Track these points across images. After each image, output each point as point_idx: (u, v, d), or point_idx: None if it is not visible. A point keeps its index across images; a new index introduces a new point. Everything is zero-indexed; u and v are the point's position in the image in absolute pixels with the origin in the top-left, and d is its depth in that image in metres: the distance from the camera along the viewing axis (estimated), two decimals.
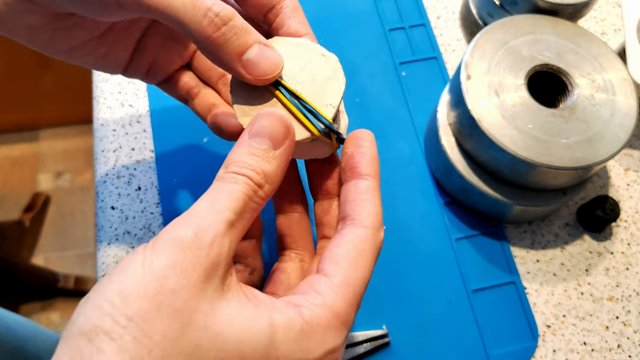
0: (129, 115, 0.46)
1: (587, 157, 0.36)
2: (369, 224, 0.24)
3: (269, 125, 0.24)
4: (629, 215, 0.45)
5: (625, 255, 0.43)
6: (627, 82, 0.39)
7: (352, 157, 0.26)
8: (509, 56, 0.39)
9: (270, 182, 0.23)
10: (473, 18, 0.49)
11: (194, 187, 0.43)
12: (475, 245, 0.43)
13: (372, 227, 0.24)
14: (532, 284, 0.42)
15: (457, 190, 0.43)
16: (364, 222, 0.24)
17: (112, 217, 0.42)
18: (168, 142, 0.44)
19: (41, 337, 0.64)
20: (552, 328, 0.40)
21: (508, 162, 0.37)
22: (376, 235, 0.24)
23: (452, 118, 0.41)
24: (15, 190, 1.36)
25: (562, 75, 0.39)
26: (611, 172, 0.47)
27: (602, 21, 0.53)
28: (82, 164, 1.39)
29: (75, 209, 1.34)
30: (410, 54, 0.50)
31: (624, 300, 0.42)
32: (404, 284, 0.41)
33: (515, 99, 0.38)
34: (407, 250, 0.42)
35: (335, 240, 0.24)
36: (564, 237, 0.44)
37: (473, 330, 0.40)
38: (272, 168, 0.23)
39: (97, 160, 0.44)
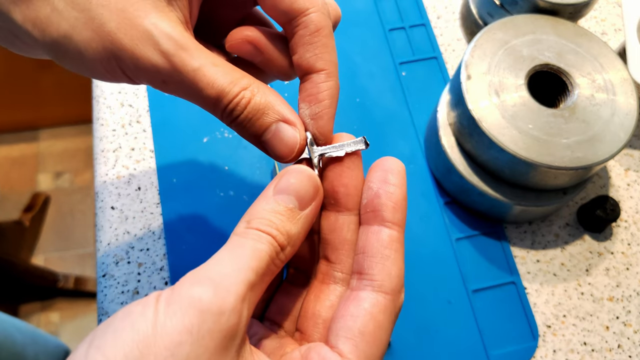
0: (128, 115, 0.45)
1: (588, 157, 0.36)
2: (389, 288, 0.21)
3: (298, 183, 0.22)
4: (630, 216, 0.45)
5: (625, 256, 0.43)
6: (628, 82, 0.39)
7: (377, 197, 0.22)
8: (509, 56, 0.39)
9: (292, 244, 0.21)
10: (473, 18, 0.49)
11: (194, 187, 0.43)
12: (475, 246, 0.43)
13: (392, 292, 0.21)
14: (532, 284, 0.42)
15: (457, 190, 0.43)
16: (384, 286, 0.21)
17: (112, 217, 0.42)
18: (168, 142, 0.44)
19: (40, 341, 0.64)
20: (553, 328, 0.40)
21: (508, 162, 0.37)
22: (396, 302, 0.21)
23: (452, 118, 0.41)
24: (15, 190, 1.35)
25: (563, 75, 0.39)
26: (611, 172, 0.47)
27: (602, 21, 0.53)
28: (81, 164, 1.39)
29: (75, 209, 1.34)
30: (411, 53, 0.50)
31: (624, 301, 0.42)
32: (404, 284, 0.41)
33: (515, 99, 0.38)
34: (407, 251, 0.42)
35: (350, 307, 0.21)
36: (564, 237, 0.44)
37: (473, 331, 0.40)
38: (297, 230, 0.21)
39: (96, 160, 0.44)
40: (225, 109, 0.22)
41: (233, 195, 0.43)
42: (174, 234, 0.41)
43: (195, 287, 0.18)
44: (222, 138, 0.45)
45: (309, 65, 0.24)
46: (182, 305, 0.17)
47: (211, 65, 0.22)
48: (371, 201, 0.22)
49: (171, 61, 0.21)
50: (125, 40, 0.21)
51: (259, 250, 0.20)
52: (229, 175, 0.44)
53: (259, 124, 0.23)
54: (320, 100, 0.24)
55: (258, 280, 0.19)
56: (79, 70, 0.23)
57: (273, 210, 0.21)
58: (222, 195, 0.43)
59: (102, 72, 0.23)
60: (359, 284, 0.21)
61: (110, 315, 0.38)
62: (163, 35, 0.22)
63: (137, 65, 0.22)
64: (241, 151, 0.44)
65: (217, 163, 0.44)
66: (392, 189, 0.22)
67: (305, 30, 0.23)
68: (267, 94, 0.23)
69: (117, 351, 0.16)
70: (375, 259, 0.21)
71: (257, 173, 0.44)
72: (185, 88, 0.22)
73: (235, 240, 0.20)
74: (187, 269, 0.19)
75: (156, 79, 0.22)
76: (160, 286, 0.39)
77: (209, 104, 0.22)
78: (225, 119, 0.23)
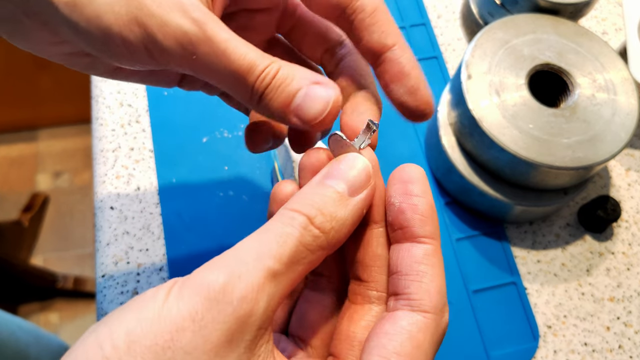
0: (128, 114, 0.45)
1: (588, 157, 0.36)
2: (429, 306, 0.19)
3: (348, 168, 0.20)
4: (630, 216, 0.45)
5: (626, 256, 0.43)
6: (628, 81, 0.39)
7: (401, 212, 0.20)
8: (509, 56, 0.39)
9: (338, 229, 0.19)
10: (474, 17, 0.49)
11: (194, 187, 0.43)
12: (475, 246, 0.42)
13: (433, 310, 0.19)
14: (532, 284, 0.42)
15: (457, 190, 0.43)
16: (423, 305, 0.19)
17: (111, 217, 0.41)
18: (167, 142, 0.44)
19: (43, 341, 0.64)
20: (553, 329, 0.40)
21: (509, 162, 0.37)
22: (439, 322, 0.19)
23: (452, 118, 0.41)
24: (14, 190, 1.35)
25: (563, 74, 0.39)
26: (612, 172, 0.46)
27: (603, 20, 0.53)
28: (81, 163, 1.39)
29: (74, 209, 1.34)
30: None
31: (625, 301, 0.42)
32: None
33: (516, 99, 0.38)
34: None
35: (386, 326, 0.19)
36: (565, 238, 0.44)
37: (474, 331, 0.40)
38: (344, 213, 0.19)
39: (96, 160, 0.44)
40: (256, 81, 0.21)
41: (233, 195, 0.43)
42: (173, 234, 0.41)
43: (208, 272, 0.17)
44: (221, 138, 0.45)
45: (380, 45, 0.23)
46: (192, 290, 0.16)
47: (240, 40, 0.21)
48: (396, 218, 0.21)
49: (203, 29, 0.20)
50: (154, 6, 0.20)
51: (286, 234, 0.18)
52: (229, 175, 0.43)
53: (289, 91, 0.21)
54: (409, 72, 0.22)
55: (284, 269, 0.18)
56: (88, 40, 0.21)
57: (318, 193, 0.19)
58: (222, 195, 0.42)
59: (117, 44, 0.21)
60: (396, 304, 0.20)
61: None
62: (194, 6, 0.21)
63: (166, 33, 0.20)
64: (241, 151, 0.44)
65: (216, 163, 0.44)
66: (415, 200, 0.20)
67: (364, 14, 0.23)
68: (294, 66, 0.22)
69: (121, 327, 0.16)
70: (411, 277, 0.20)
71: (257, 173, 0.44)
72: (215, 59, 0.21)
73: (265, 225, 0.19)
74: (187, 269, 0.18)
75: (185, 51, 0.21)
76: None
77: (238, 78, 0.21)
78: (254, 95, 0.22)
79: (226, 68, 0.21)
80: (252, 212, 0.42)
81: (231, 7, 0.26)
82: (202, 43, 0.21)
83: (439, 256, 0.20)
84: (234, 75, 0.21)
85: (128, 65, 0.23)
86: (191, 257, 0.40)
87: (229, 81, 0.22)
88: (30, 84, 1.27)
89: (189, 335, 0.16)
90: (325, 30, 0.27)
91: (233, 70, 0.21)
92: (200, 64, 0.21)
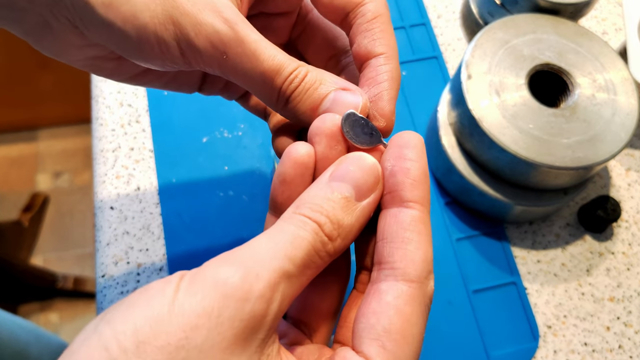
0: (128, 114, 0.45)
1: (588, 157, 0.36)
2: (414, 275, 0.19)
3: (357, 171, 0.20)
4: (630, 216, 0.45)
5: (626, 256, 0.43)
6: (629, 81, 0.39)
7: (392, 175, 0.20)
8: (509, 56, 0.39)
9: (344, 236, 0.19)
10: (474, 17, 0.49)
11: (194, 187, 0.43)
12: (475, 246, 0.42)
13: (418, 280, 0.19)
14: (532, 284, 0.42)
15: (457, 190, 0.43)
16: (407, 273, 0.19)
17: (111, 217, 0.41)
18: (167, 142, 0.44)
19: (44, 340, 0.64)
20: (553, 329, 0.40)
21: (509, 162, 0.37)
22: (424, 290, 0.19)
23: (452, 118, 0.41)
24: (14, 190, 1.35)
25: (563, 74, 0.39)
26: (612, 172, 0.46)
27: (603, 20, 0.53)
28: (81, 163, 1.39)
29: (74, 209, 1.34)
30: (411, 53, 0.49)
31: (625, 301, 0.42)
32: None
33: (516, 99, 0.38)
34: None
35: (372, 302, 0.18)
36: (565, 238, 0.44)
37: (474, 331, 0.40)
38: (350, 221, 0.19)
39: (96, 160, 0.44)
40: (283, 83, 0.21)
41: (233, 195, 0.43)
42: (173, 234, 0.41)
43: (222, 267, 0.16)
44: (221, 138, 0.45)
45: (366, 51, 0.23)
46: (206, 285, 0.16)
47: (269, 42, 0.22)
48: (387, 181, 0.20)
49: (235, 29, 0.21)
50: (188, 5, 0.21)
51: (301, 237, 0.18)
52: (229, 175, 0.43)
53: (317, 94, 0.22)
54: (379, 82, 0.22)
55: (296, 271, 0.17)
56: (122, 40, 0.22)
57: (326, 197, 0.19)
58: (222, 195, 0.42)
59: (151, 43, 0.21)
60: (379, 274, 0.19)
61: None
62: (226, 6, 0.21)
63: (199, 32, 0.21)
64: (241, 151, 0.44)
65: (216, 163, 0.44)
66: (408, 164, 0.20)
67: (363, 19, 0.23)
68: (322, 71, 0.22)
69: (128, 326, 0.15)
70: (395, 244, 0.19)
71: (257, 173, 0.44)
72: (244, 60, 0.21)
73: (278, 225, 0.18)
74: (187, 269, 0.18)
75: (216, 51, 0.21)
76: None
77: (266, 79, 0.21)
78: (281, 97, 0.22)
79: (255, 69, 0.21)
80: (252, 212, 0.42)
81: (252, 9, 0.26)
82: (234, 43, 0.21)
83: (426, 223, 0.20)
84: (263, 76, 0.21)
85: (158, 66, 0.23)
86: (191, 257, 0.40)
87: (256, 82, 0.22)
88: (30, 84, 1.27)
89: (205, 333, 0.15)
90: (333, 37, 0.27)
91: (262, 71, 0.21)
92: (230, 64, 0.21)
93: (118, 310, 0.16)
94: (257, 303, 0.16)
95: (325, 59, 0.27)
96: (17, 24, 0.23)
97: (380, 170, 0.20)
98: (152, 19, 0.21)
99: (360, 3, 0.23)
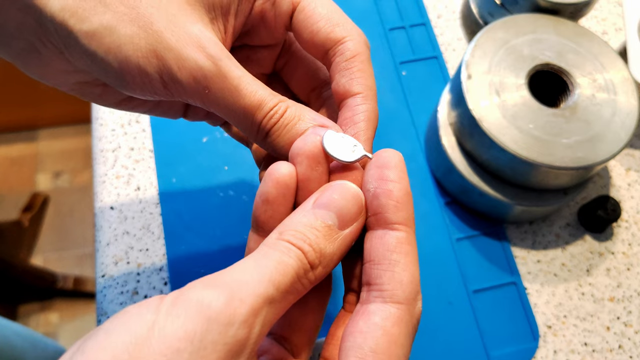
0: (128, 114, 0.45)
1: (588, 157, 0.36)
2: (402, 296, 0.19)
3: (340, 199, 0.20)
4: (630, 216, 0.45)
5: (626, 256, 0.43)
6: (629, 81, 0.39)
7: (375, 198, 0.20)
8: (509, 55, 0.39)
9: (325, 265, 0.19)
10: (474, 17, 0.49)
11: (194, 187, 0.43)
12: (475, 246, 0.42)
13: (406, 301, 0.19)
14: (533, 284, 0.42)
15: (457, 190, 0.43)
16: (395, 295, 0.19)
17: (111, 217, 0.41)
18: (167, 142, 0.44)
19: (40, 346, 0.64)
20: (553, 329, 0.40)
21: (509, 162, 0.37)
22: (412, 311, 0.19)
23: (452, 118, 0.41)
24: (14, 190, 1.35)
25: (563, 74, 0.39)
26: (612, 172, 0.46)
27: (603, 20, 0.53)
28: (81, 163, 1.39)
29: (74, 209, 1.34)
30: (411, 53, 0.49)
31: (625, 301, 0.42)
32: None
33: (516, 99, 0.38)
34: None
35: (360, 323, 0.19)
36: (565, 238, 0.44)
37: (474, 331, 0.40)
38: (332, 250, 0.19)
39: (95, 160, 0.44)
40: (263, 119, 0.22)
41: (233, 195, 0.43)
42: (173, 234, 0.41)
43: (206, 290, 0.16)
44: (221, 138, 0.45)
45: (344, 90, 0.23)
46: (188, 308, 0.16)
47: (251, 78, 0.22)
48: (370, 204, 0.20)
49: (217, 65, 0.21)
50: (172, 40, 0.21)
51: (285, 263, 0.18)
52: (229, 175, 0.43)
53: (295, 130, 0.22)
54: (356, 122, 0.23)
55: (279, 296, 0.18)
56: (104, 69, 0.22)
57: (309, 224, 0.19)
58: (222, 195, 0.42)
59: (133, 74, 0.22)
60: (368, 296, 0.19)
61: (110, 317, 0.38)
62: (211, 41, 0.22)
63: (182, 67, 0.21)
64: (241, 151, 0.44)
65: (217, 163, 0.44)
66: (390, 185, 0.20)
67: (342, 57, 0.23)
68: (301, 107, 0.23)
69: (105, 355, 0.14)
70: (383, 266, 0.19)
71: (257, 173, 0.44)
72: (226, 95, 0.22)
73: (262, 250, 0.19)
74: (187, 269, 0.18)
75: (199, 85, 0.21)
76: (159, 286, 0.39)
77: (247, 114, 0.22)
78: (260, 132, 0.22)
79: (236, 104, 0.22)
80: (251, 212, 0.42)
81: (236, 42, 0.26)
82: (216, 78, 0.21)
83: (412, 244, 0.20)
84: (244, 110, 0.22)
85: (140, 95, 0.23)
86: (191, 257, 0.40)
87: (238, 116, 0.22)
88: (30, 84, 1.27)
89: (186, 357, 0.15)
90: (315, 69, 0.27)
91: (243, 106, 0.22)
92: (212, 98, 0.22)
93: (94, 339, 0.15)
94: (240, 328, 0.16)
95: (307, 90, 0.28)
96: (5, 48, 0.23)
97: (363, 199, 0.21)
98: (135, 52, 0.21)
99: (340, 41, 0.23)
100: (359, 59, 0.23)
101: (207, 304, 0.16)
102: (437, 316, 0.40)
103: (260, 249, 0.19)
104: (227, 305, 0.16)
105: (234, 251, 0.41)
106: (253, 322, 0.16)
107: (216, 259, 0.40)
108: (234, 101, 0.22)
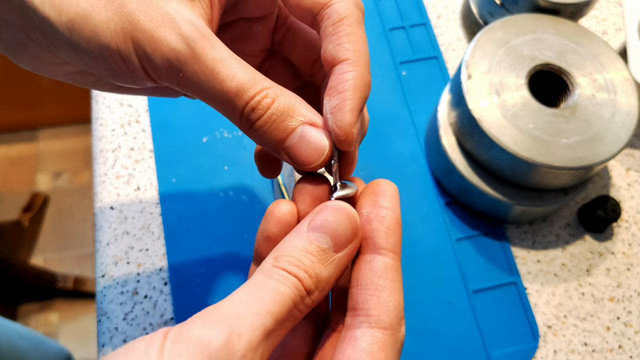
0: (128, 114, 0.45)
1: (588, 157, 0.36)
2: (387, 322, 0.19)
3: (335, 221, 0.20)
4: (630, 216, 0.45)
5: (626, 256, 0.43)
6: (629, 81, 0.39)
7: (367, 222, 0.21)
8: (509, 55, 0.39)
9: (321, 289, 0.19)
10: (473, 17, 0.49)
11: (194, 187, 0.43)
12: (475, 246, 0.42)
13: (391, 327, 0.19)
14: (532, 284, 0.42)
15: (457, 190, 0.43)
16: (381, 320, 0.19)
17: (111, 217, 0.41)
18: (167, 142, 0.44)
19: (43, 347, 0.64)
20: (553, 329, 0.40)
21: (509, 162, 0.37)
22: (396, 337, 0.19)
23: (452, 118, 0.41)
24: (14, 190, 1.35)
25: (563, 74, 0.39)
26: (612, 172, 0.46)
27: (603, 20, 0.53)
28: (81, 163, 1.39)
29: (74, 209, 1.34)
30: (411, 53, 0.49)
31: (625, 301, 0.42)
32: (404, 285, 0.41)
33: (516, 99, 0.38)
34: (408, 251, 0.42)
35: (348, 349, 0.19)
36: (565, 238, 0.44)
37: (474, 331, 0.40)
38: (328, 274, 0.19)
39: (96, 160, 0.44)
40: (245, 107, 0.20)
41: (233, 195, 0.43)
42: (173, 234, 0.41)
43: (206, 328, 0.17)
44: (221, 138, 0.45)
45: (332, 57, 0.21)
46: (190, 346, 0.16)
47: (232, 59, 0.20)
48: (362, 228, 0.21)
49: (191, 47, 0.20)
50: (145, 21, 0.20)
51: (281, 293, 0.18)
52: (229, 175, 0.43)
53: (283, 127, 0.21)
54: (340, 92, 0.21)
55: (276, 326, 0.18)
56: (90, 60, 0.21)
57: (304, 249, 0.19)
58: (222, 196, 0.42)
59: (117, 61, 0.21)
60: (354, 320, 0.20)
61: (110, 317, 0.38)
62: (184, 21, 0.20)
63: (155, 50, 0.20)
64: (241, 151, 0.44)
65: (216, 163, 0.44)
66: (383, 212, 0.21)
67: (329, 21, 0.22)
68: (291, 97, 0.21)
69: None
70: (370, 291, 0.20)
71: (257, 173, 0.44)
72: (202, 79, 0.20)
73: (258, 279, 0.19)
74: (187, 269, 0.18)
75: (172, 68, 0.20)
76: (159, 286, 0.39)
77: (226, 100, 0.20)
78: (243, 121, 0.21)
79: (212, 88, 0.20)
80: (252, 212, 0.42)
81: (227, 17, 0.26)
82: (190, 60, 0.20)
83: (398, 270, 0.20)
84: (221, 96, 0.21)
85: (129, 83, 0.22)
86: (191, 257, 0.40)
87: (216, 102, 0.21)
88: (30, 84, 1.27)
89: None
90: (313, 39, 0.26)
91: (220, 91, 0.20)
92: (187, 82, 0.21)
93: None
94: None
95: (309, 63, 0.27)
96: None
97: (358, 221, 0.20)
98: (113, 37, 0.20)
99: (327, 4, 0.22)
100: (347, 21, 0.21)
101: (208, 342, 0.16)
102: (437, 316, 0.40)
103: (256, 277, 0.19)
104: (227, 342, 0.16)
105: (233, 251, 0.41)
106: (252, 357, 0.17)
107: (216, 259, 0.40)
108: (209, 85, 0.20)
